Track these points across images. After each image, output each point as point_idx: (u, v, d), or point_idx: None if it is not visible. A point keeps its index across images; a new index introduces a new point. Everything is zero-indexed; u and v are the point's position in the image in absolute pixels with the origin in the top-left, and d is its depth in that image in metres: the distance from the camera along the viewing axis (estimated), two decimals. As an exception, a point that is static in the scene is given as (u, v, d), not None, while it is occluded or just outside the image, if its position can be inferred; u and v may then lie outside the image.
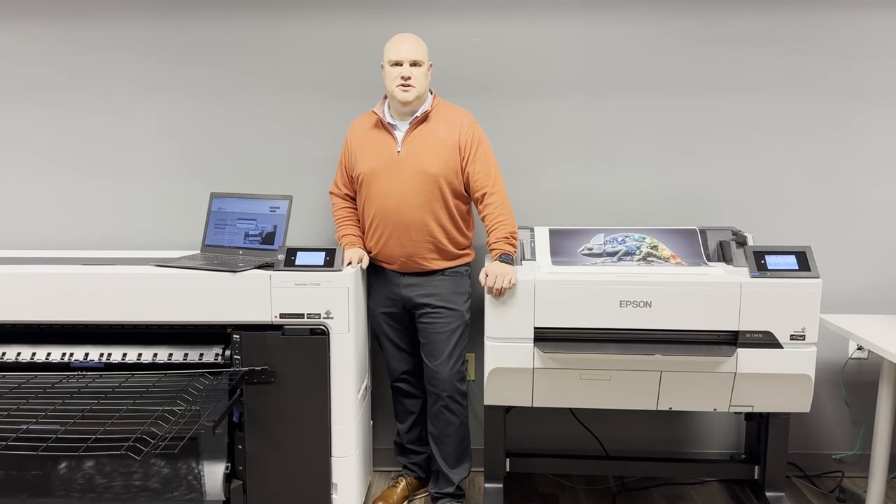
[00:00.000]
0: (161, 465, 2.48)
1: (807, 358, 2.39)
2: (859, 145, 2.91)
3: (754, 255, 2.45)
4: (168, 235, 3.01)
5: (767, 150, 2.93)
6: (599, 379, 2.46)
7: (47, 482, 2.50)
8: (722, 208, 2.94)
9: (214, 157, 3.00)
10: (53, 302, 2.43)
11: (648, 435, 3.07)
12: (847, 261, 2.94)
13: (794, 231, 2.94)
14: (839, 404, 3.03)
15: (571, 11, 2.89)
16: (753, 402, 2.47)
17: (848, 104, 2.89)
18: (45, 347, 2.50)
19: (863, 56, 2.86)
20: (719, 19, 2.87)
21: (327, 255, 2.49)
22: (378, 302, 2.72)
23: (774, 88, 2.89)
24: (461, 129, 2.56)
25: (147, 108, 2.99)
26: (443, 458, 2.70)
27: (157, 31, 2.94)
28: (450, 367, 2.61)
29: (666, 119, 2.93)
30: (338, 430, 2.51)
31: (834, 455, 3.05)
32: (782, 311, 2.37)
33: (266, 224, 2.65)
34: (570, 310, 2.42)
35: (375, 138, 2.60)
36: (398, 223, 2.55)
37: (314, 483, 2.52)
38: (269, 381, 2.45)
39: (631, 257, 2.64)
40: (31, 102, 3.00)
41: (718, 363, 2.40)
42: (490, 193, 2.55)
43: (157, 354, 2.49)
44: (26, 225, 3.05)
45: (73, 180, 3.03)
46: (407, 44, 2.52)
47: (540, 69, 2.92)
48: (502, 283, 2.39)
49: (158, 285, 2.43)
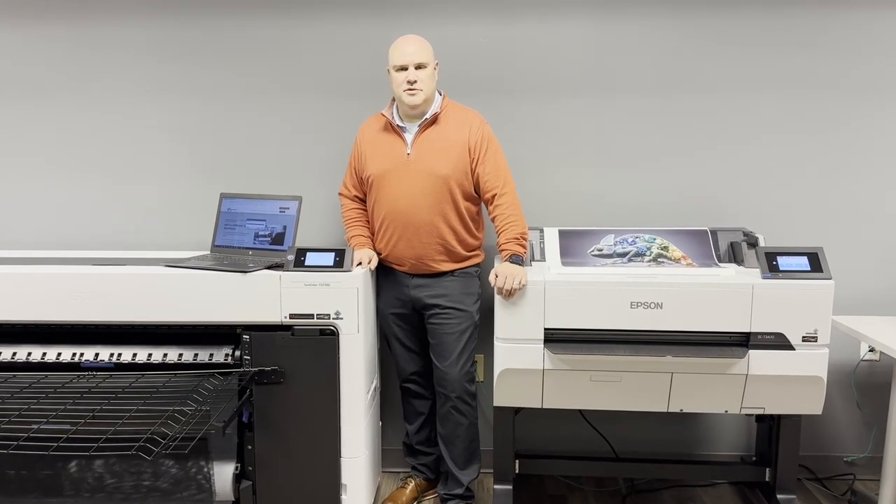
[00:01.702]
0: (171, 465, 2.48)
1: (819, 359, 2.38)
2: (871, 146, 2.89)
3: (766, 256, 2.44)
4: (178, 236, 3.02)
5: (779, 150, 2.91)
6: (610, 380, 2.45)
7: (57, 482, 2.50)
8: (732, 209, 2.93)
9: (224, 158, 3.01)
10: (64, 302, 2.44)
11: (658, 436, 3.06)
12: (859, 262, 2.93)
13: (806, 232, 2.92)
14: (851, 406, 3.02)
15: (581, 11, 2.88)
16: (765, 404, 2.46)
17: (860, 104, 2.87)
18: (55, 347, 2.51)
19: (874, 56, 2.84)
20: (730, 19, 2.85)
21: (337, 255, 2.49)
22: (387, 303, 2.71)
23: (786, 88, 2.88)
24: (471, 129, 2.56)
25: (158, 110, 3.00)
26: (452, 460, 2.70)
27: (168, 31, 2.95)
28: (459, 368, 2.61)
29: (676, 119, 2.92)
30: (347, 430, 2.51)
31: (845, 457, 3.03)
32: (794, 312, 2.36)
33: (276, 225, 2.65)
34: (581, 311, 2.41)
35: (385, 140, 2.60)
36: (408, 225, 2.55)
37: (323, 484, 2.52)
38: (278, 381, 2.45)
39: (641, 258, 2.63)
40: (41, 104, 3.01)
41: (730, 365, 2.39)
42: (500, 194, 2.55)
43: (167, 355, 2.49)
44: (37, 225, 3.06)
45: (84, 181, 3.04)
46: (411, 46, 2.51)
47: (550, 69, 2.91)
48: (512, 283, 2.39)
49: (168, 285, 2.43)
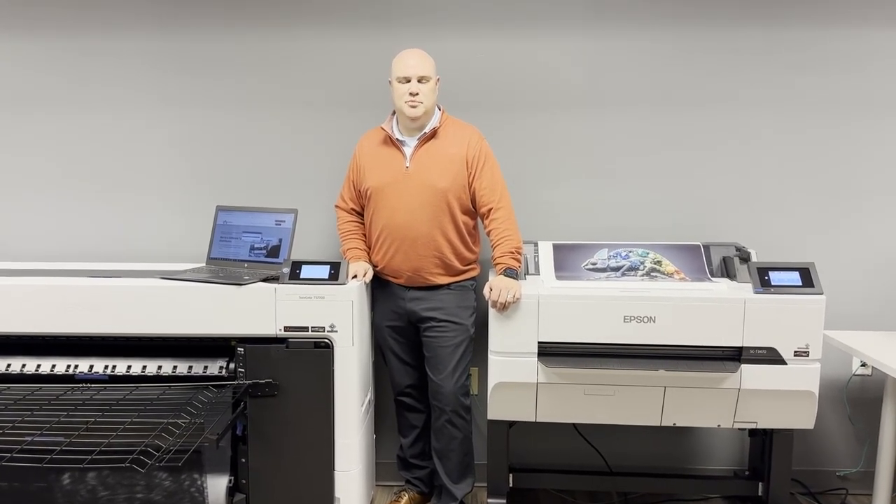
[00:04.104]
0: (164, 477, 2.48)
1: (811, 374, 2.40)
2: (863, 161, 2.92)
3: (758, 270, 2.46)
4: (174, 248, 3.01)
5: (771, 165, 2.94)
6: (603, 394, 2.46)
7: (50, 494, 2.49)
8: (725, 224, 2.95)
9: (220, 170, 3.02)
10: (58, 314, 2.44)
11: (652, 451, 3.06)
12: (851, 277, 2.95)
13: (797, 247, 2.94)
14: (843, 421, 3.03)
15: (574, 26, 2.91)
16: (757, 419, 2.47)
17: (851, 119, 2.90)
18: (49, 359, 2.51)
19: (866, 71, 2.88)
20: (722, 34, 2.89)
21: (332, 268, 2.50)
22: (383, 315, 2.72)
23: (779, 103, 2.91)
24: (469, 144, 2.58)
25: (153, 121, 3.01)
26: (446, 473, 2.70)
27: (165, 44, 2.97)
28: (454, 382, 2.61)
29: (669, 134, 2.94)
30: (341, 443, 2.51)
31: (838, 472, 3.04)
32: (786, 327, 2.38)
33: (271, 237, 2.66)
34: (574, 324, 2.43)
35: (384, 154, 2.62)
36: (406, 238, 2.56)
37: (317, 497, 2.51)
38: (272, 394, 2.45)
39: (635, 272, 2.65)
40: (38, 114, 3.01)
41: (722, 379, 2.40)
42: (496, 209, 2.56)
43: (162, 367, 2.49)
44: (31, 237, 3.06)
45: (79, 192, 3.04)
46: (414, 59, 2.54)
47: (544, 84, 2.94)
48: (506, 297, 2.40)
49: (163, 298, 2.44)
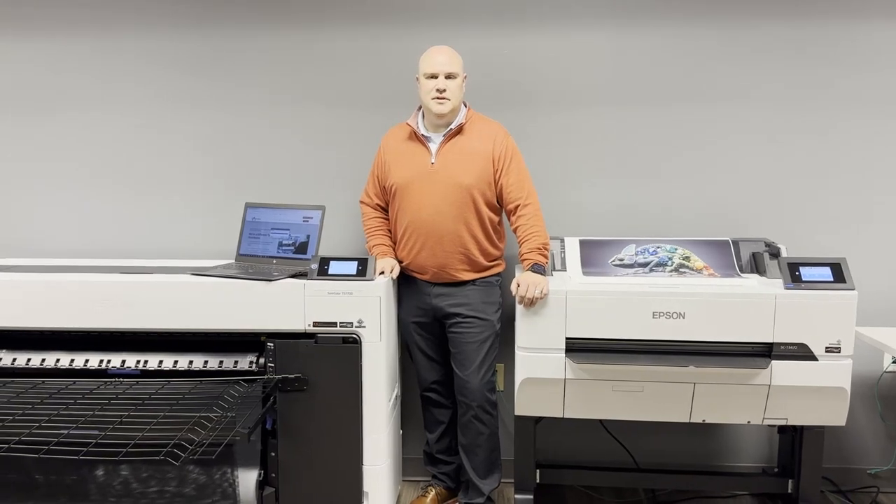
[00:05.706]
0: (196, 471, 2.51)
1: (842, 370, 2.37)
2: (892, 156, 2.88)
3: (789, 266, 2.43)
4: (203, 245, 3.05)
5: (800, 160, 2.91)
6: (632, 390, 2.45)
7: (84, 487, 2.53)
8: (754, 219, 2.92)
9: (248, 168, 3.05)
10: (91, 310, 2.47)
11: (680, 447, 3.04)
12: (882, 272, 2.91)
13: (828, 242, 2.91)
14: (874, 418, 2.99)
15: (603, 22, 2.90)
16: (787, 415, 2.45)
17: (882, 114, 2.86)
18: (83, 354, 2.55)
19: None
20: (751, 30, 2.86)
21: (360, 264, 2.51)
22: (409, 311, 2.73)
23: (808, 99, 2.88)
24: (495, 141, 2.59)
25: (183, 121, 3.05)
26: (473, 469, 2.71)
27: (193, 44, 3.00)
28: (480, 377, 2.62)
29: (698, 129, 2.92)
30: (369, 438, 2.53)
31: (869, 470, 3.00)
32: (817, 323, 2.35)
33: (299, 234, 2.68)
34: (602, 320, 2.42)
35: (409, 150, 2.63)
36: (431, 234, 2.57)
37: (345, 491, 2.53)
38: (301, 388, 2.47)
39: (663, 268, 2.63)
40: (69, 114, 3.06)
41: (752, 375, 2.38)
42: (524, 205, 2.57)
43: (193, 362, 2.52)
44: (65, 235, 3.12)
45: (112, 191, 3.09)
46: (442, 56, 2.55)
47: (571, 80, 2.93)
48: (534, 293, 2.40)
49: (194, 294, 2.47)
